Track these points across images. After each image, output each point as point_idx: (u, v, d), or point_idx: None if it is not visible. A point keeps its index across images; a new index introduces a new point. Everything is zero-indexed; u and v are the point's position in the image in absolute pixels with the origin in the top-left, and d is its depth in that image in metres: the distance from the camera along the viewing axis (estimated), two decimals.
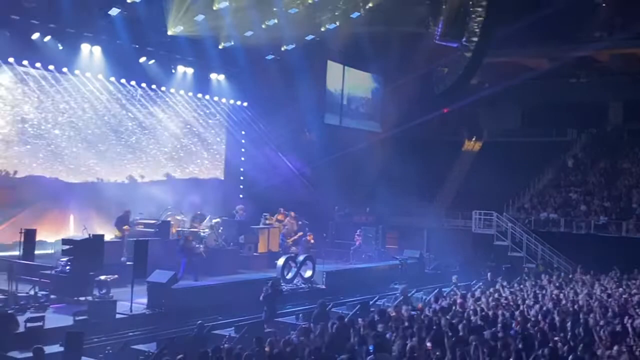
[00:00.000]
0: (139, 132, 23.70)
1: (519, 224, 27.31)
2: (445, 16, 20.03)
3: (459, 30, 19.68)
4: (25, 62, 20.03)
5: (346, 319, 13.07)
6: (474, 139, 36.01)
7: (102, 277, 15.31)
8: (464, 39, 19.78)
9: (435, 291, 17.55)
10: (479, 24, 19.09)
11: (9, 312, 12.88)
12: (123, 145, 23.23)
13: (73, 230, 19.89)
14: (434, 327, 11.44)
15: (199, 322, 12.75)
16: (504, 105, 35.19)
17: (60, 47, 20.39)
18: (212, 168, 26.55)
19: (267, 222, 23.01)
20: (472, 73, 21.34)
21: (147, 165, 24.01)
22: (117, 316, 14.33)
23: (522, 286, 18.33)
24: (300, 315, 16.14)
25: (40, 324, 12.66)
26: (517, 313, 13.14)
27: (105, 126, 22.63)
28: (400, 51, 27.01)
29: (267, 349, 10.30)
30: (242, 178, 27.13)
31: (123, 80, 22.75)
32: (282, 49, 25.04)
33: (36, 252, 16.51)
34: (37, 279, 15.34)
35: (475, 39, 19.34)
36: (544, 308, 13.80)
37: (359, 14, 23.84)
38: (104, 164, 22.59)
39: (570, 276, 21.06)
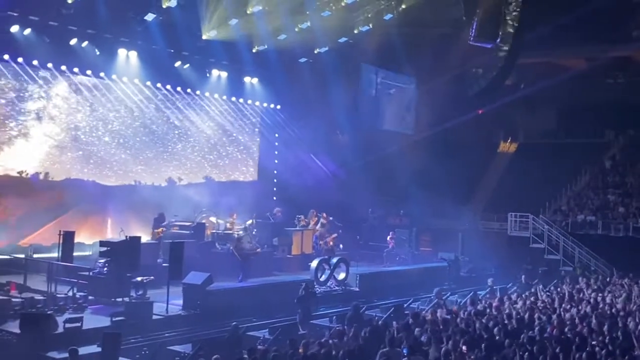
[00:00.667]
0: (175, 136, 24.01)
1: (555, 227, 26.89)
2: (479, 17, 19.84)
3: (493, 30, 19.48)
4: (63, 67, 20.44)
5: (380, 322, 13.04)
6: (509, 140, 35.57)
7: (139, 279, 15.51)
8: (498, 40, 19.58)
9: (471, 294, 17.37)
10: (513, 24, 18.88)
11: (48, 312, 13.08)
12: (159, 148, 23.59)
13: (110, 232, 20.23)
14: (469, 331, 11.34)
15: (234, 323, 12.82)
16: (540, 106, 34.65)
17: (98, 53, 20.76)
18: (245, 170, 26.77)
19: (301, 224, 23.10)
20: (507, 74, 21.11)
21: (183, 168, 24.32)
22: (154, 317, 14.48)
23: (559, 289, 18.06)
24: (334, 317, 16.12)
25: (78, 324, 12.85)
26: (554, 317, 12.96)
27: (142, 130, 23.01)
28: (434, 53, 26.79)
29: (301, 350, 10.32)
30: (275, 180, 27.29)
31: (159, 85, 23.08)
32: (315, 51, 25.09)
33: (75, 253, 16.81)
34: (76, 281, 15.57)
35: (509, 39, 19.13)
36: (582, 312, 13.58)
37: (392, 15, 23.76)
38: (141, 166, 22.97)
39: (608, 279, 20.69)
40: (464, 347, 10.05)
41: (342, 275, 19.98)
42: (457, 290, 19.84)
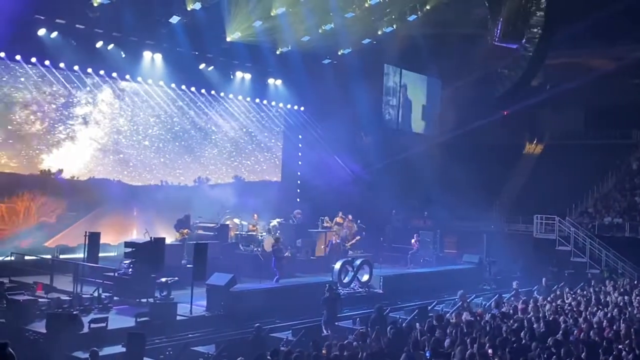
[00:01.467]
0: (199, 137, 24.18)
1: (582, 229, 26.57)
2: (504, 17, 19.70)
3: (519, 31, 19.33)
4: (89, 70, 20.69)
5: (404, 324, 12.98)
6: (535, 141, 35.24)
7: (163, 280, 15.59)
8: (524, 40, 19.42)
9: (496, 297, 17.21)
10: (539, 25, 18.71)
11: (74, 313, 13.19)
12: (183, 149, 23.77)
13: (135, 233, 20.42)
14: (494, 334, 11.22)
15: (257, 324, 12.82)
16: (566, 107, 34.27)
17: (123, 55, 20.97)
18: (269, 172, 26.87)
19: (325, 225, 23.11)
20: (532, 75, 20.97)
21: (206, 169, 24.48)
22: (178, 318, 14.54)
23: (585, 292, 17.82)
24: (358, 319, 16.07)
25: (103, 324, 12.94)
26: (580, 320, 12.78)
27: (167, 131, 23.21)
28: (458, 53, 26.69)
29: (324, 352, 10.30)
30: (299, 182, 27.33)
31: (183, 87, 23.25)
32: (339, 53, 25.09)
33: (100, 254, 16.96)
34: (101, 281, 15.69)
35: (536, 39, 18.96)
36: (609, 315, 13.37)
37: (416, 16, 23.68)
38: (166, 168, 23.18)
39: (636, 282, 20.37)
40: (489, 350, 9.95)
41: (365, 277, 19.88)
42: (482, 293, 19.67)
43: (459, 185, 26.56)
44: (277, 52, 23.92)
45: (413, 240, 24.21)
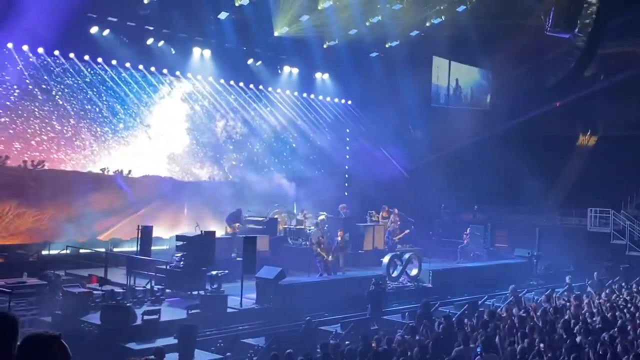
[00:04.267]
0: (247, 132, 24.40)
1: (637, 222, 25.85)
2: (556, 6, 19.25)
3: (571, 20, 18.86)
4: (141, 67, 21.07)
5: (454, 319, 12.86)
6: (588, 133, 34.38)
7: (214, 272, 15.79)
8: (576, 30, 18.94)
9: (548, 292, 16.90)
10: (592, 13, 18.23)
11: (128, 305, 13.46)
12: (233, 145, 24.02)
13: (186, 227, 20.73)
14: (547, 329, 11.04)
15: (307, 318, 12.89)
16: (621, 97, 33.30)
17: (173, 52, 21.30)
18: (317, 166, 26.96)
19: (373, 219, 23.02)
20: (585, 65, 20.43)
21: (256, 164, 24.71)
22: (228, 310, 14.71)
23: None
24: (406, 313, 16.03)
25: (156, 316, 13.18)
26: (637, 315, 12.47)
27: (215, 127, 23.51)
28: (509, 44, 26.19)
29: (373, 345, 10.30)
30: (346, 176, 27.31)
31: (232, 82, 23.47)
32: (386, 45, 24.94)
33: (152, 247, 17.30)
34: (153, 274, 16.01)
35: (588, 29, 18.49)
36: None
37: (465, 7, 23.37)
38: (215, 164, 23.51)
39: None
40: (541, 345, 9.80)
41: (414, 271, 19.75)
42: (534, 288, 19.35)
43: (510, 178, 26.14)
44: (324, 46, 23.92)
45: (464, 234, 23.96)
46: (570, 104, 30.57)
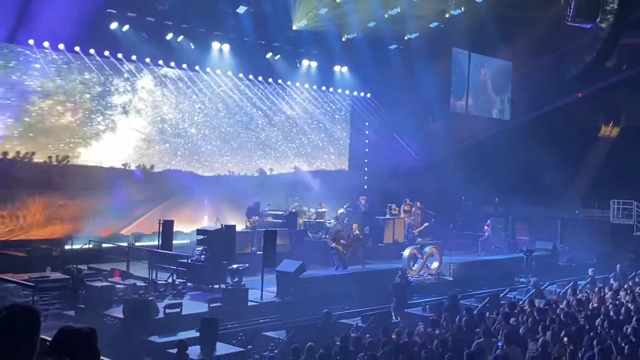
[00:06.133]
0: (266, 126, 24.46)
1: None
2: None
3: (593, 10, 18.63)
4: (160, 62, 21.17)
5: (475, 312, 12.84)
6: (611, 124, 34.01)
7: (234, 266, 15.86)
8: (598, 19, 18.71)
9: (571, 284, 16.80)
10: (614, 3, 17.99)
11: (150, 299, 13.59)
12: (252, 139, 24.16)
13: (207, 221, 20.88)
14: (570, 321, 10.97)
15: (325, 310, 12.92)
16: None
17: (192, 47, 21.38)
18: (336, 159, 26.97)
19: (393, 212, 23.01)
20: (607, 55, 20.17)
21: (275, 158, 24.80)
22: (249, 304, 14.79)
23: None
24: (427, 306, 16.01)
25: (178, 310, 13.30)
26: None
27: (235, 122, 23.61)
28: (529, 35, 25.95)
29: (394, 338, 10.31)
30: (366, 169, 27.28)
31: (251, 76, 23.53)
32: (406, 37, 24.84)
33: (174, 242, 17.44)
34: (175, 268, 16.14)
35: (610, 19, 18.26)
36: None
37: None
38: (235, 158, 23.65)
39: None
40: (564, 339, 9.74)
41: (435, 265, 19.74)
42: (556, 281, 19.23)
43: (532, 170, 25.93)
44: (343, 39, 23.87)
45: (485, 226, 23.86)
46: (592, 94, 30.24)
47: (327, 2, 21.46)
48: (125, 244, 18.32)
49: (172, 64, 21.49)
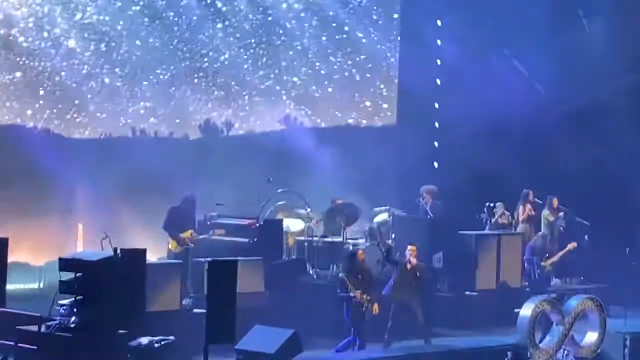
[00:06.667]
0: (225, 38, 25.02)
1: None
2: None
3: None
4: None
5: None
6: None
7: (143, 341, 15.81)
8: None
9: None
10: None
11: None
12: (192, 62, 25.13)
13: (82, 240, 20.94)
14: None
15: None
16: None
17: None
18: (371, 105, 27.88)
19: (499, 221, 23.45)
20: None
21: (241, 100, 25.48)
22: None
23: None
24: None
25: None
26: None
27: (153, 28, 24.08)
28: None
29: None
30: (436, 124, 27.34)
31: None
32: None
33: (8, 287, 17.42)
34: (13, 344, 16.13)
35: None
36: None
37: None
38: (150, 103, 24.49)
39: None
40: None
41: (590, 337, 19.77)
42: None
43: None
44: None
45: None
46: None
47: None
48: None
49: None
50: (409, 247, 19.94)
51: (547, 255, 22.71)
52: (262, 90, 25.76)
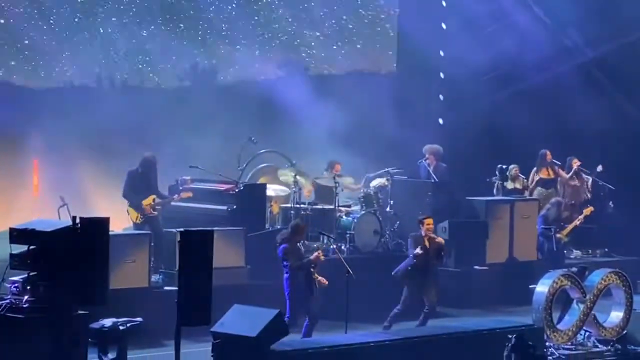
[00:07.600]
0: None
1: None
2: None
3: None
4: None
5: None
6: None
7: (108, 323, 15.84)
8: None
9: None
10: None
11: None
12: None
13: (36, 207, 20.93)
14: None
15: None
16: None
17: None
18: (369, 50, 27.99)
19: (515, 186, 23.57)
20: None
21: (216, 42, 25.12)
22: None
23: None
24: None
25: None
26: None
27: None
28: None
29: None
30: (442, 75, 27.30)
31: None
32: None
33: None
34: None
35: None
36: None
37: None
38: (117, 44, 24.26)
39: None
40: None
41: (615, 317, 19.78)
42: None
43: None
44: None
45: None
46: None
47: None
48: None
49: None
50: (425, 220, 19.82)
51: (563, 224, 22.65)
52: (249, 34, 25.59)
